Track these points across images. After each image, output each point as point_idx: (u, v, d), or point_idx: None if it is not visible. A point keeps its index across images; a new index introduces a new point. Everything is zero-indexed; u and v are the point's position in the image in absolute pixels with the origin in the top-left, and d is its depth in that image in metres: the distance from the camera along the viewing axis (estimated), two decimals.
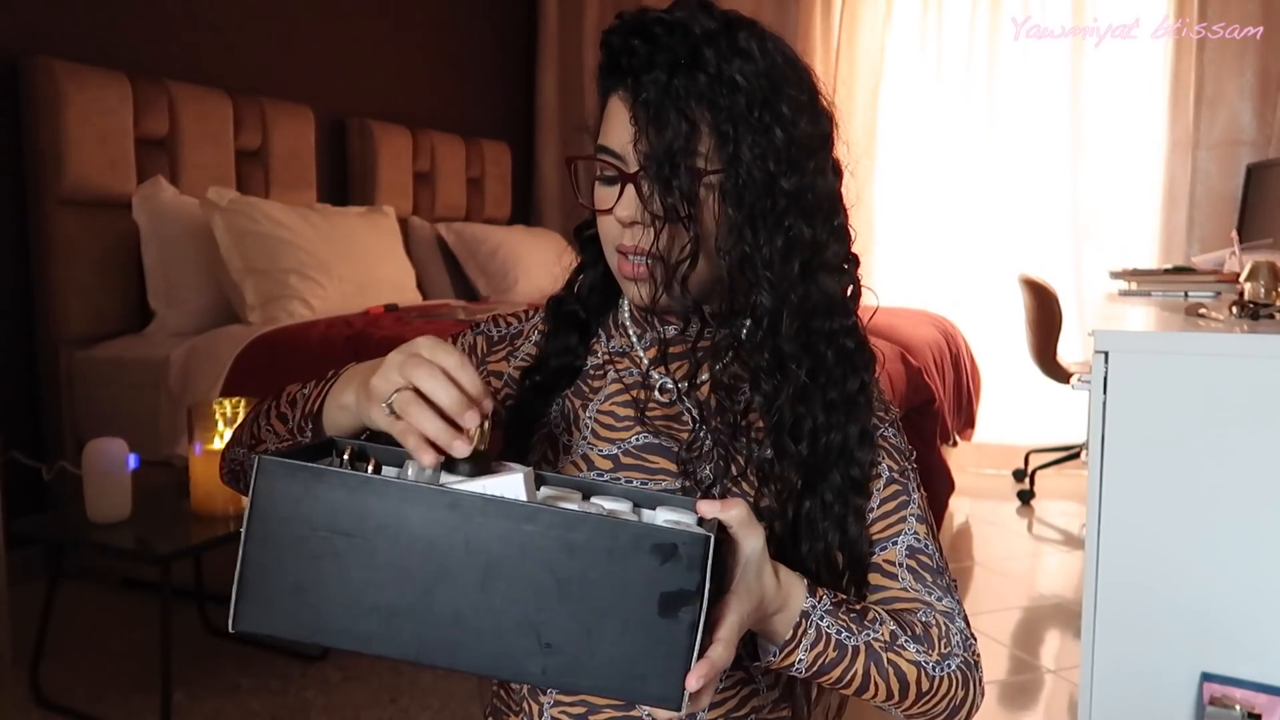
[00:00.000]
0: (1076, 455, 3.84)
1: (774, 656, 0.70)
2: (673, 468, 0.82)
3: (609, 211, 0.79)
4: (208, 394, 2.41)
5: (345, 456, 0.69)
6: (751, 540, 0.65)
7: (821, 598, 0.71)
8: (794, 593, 0.69)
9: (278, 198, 3.24)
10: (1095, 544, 1.15)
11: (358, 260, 3.15)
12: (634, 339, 0.88)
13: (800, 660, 0.69)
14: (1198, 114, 3.90)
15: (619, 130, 0.78)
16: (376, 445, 0.70)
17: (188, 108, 2.98)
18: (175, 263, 2.82)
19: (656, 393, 0.85)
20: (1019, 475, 3.94)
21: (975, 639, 0.79)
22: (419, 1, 4.13)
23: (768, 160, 0.75)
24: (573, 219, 0.98)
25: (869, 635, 0.72)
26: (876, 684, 0.72)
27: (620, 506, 0.66)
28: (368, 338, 2.38)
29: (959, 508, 3.53)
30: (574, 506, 0.62)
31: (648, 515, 0.67)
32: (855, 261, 0.83)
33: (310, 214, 3.11)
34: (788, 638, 0.69)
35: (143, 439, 2.41)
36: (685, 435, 0.83)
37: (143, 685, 2.05)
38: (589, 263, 0.90)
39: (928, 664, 0.74)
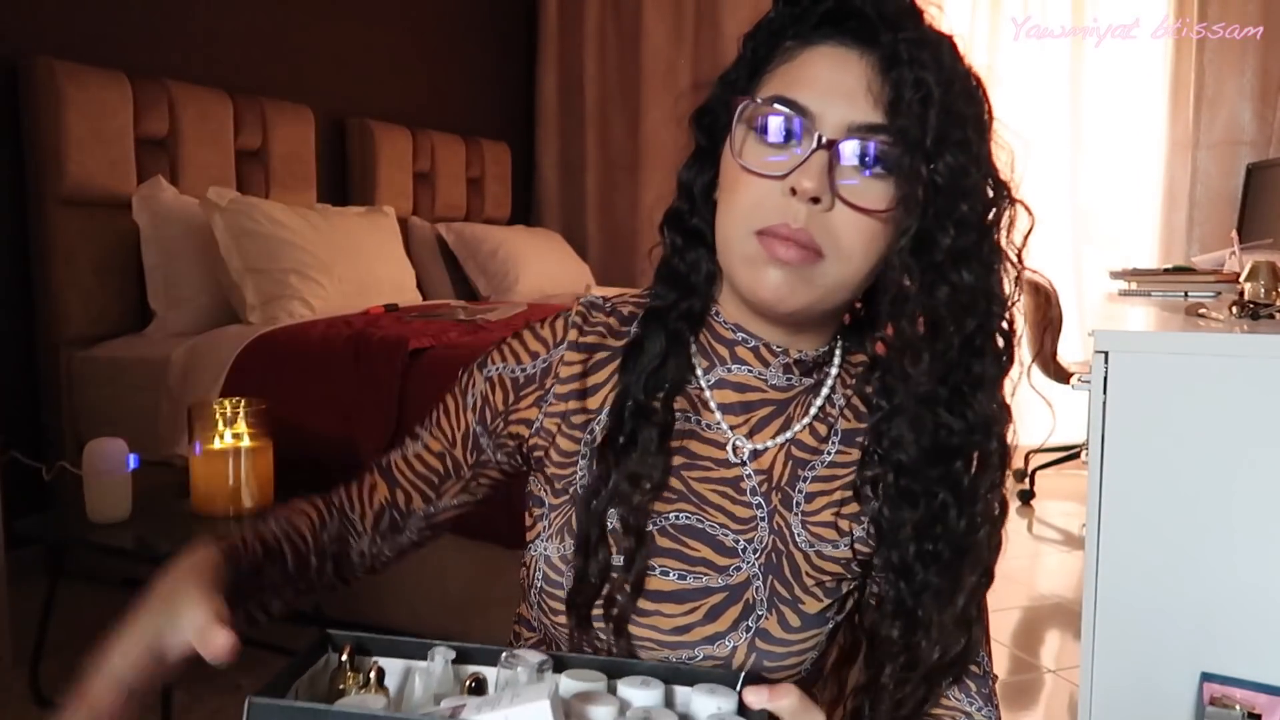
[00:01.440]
0: (1076, 455, 3.84)
1: None
2: (716, 559, 0.69)
3: (781, 178, 0.63)
4: (208, 394, 2.41)
5: (344, 656, 0.63)
6: None
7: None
8: None
9: (278, 198, 3.24)
10: (1095, 544, 1.15)
11: (358, 260, 3.15)
12: (700, 373, 0.72)
13: None
14: (1198, 114, 3.89)
15: (825, 88, 0.64)
16: (378, 638, 0.64)
17: (188, 108, 2.98)
18: (175, 263, 2.82)
19: (729, 451, 0.71)
20: (1019, 475, 3.94)
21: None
22: (419, 1, 4.12)
23: (990, 184, 0.67)
24: (573, 219, 0.91)
25: None
26: None
27: (651, 696, 0.57)
28: (368, 338, 2.38)
29: None
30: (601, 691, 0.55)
31: (680, 700, 0.59)
32: (1015, 332, 0.71)
33: (310, 214, 3.11)
34: None
35: (143, 439, 2.40)
36: (745, 514, 0.71)
37: None
38: (698, 271, 0.72)
39: None
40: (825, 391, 0.72)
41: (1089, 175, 4.13)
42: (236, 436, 2.06)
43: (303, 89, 3.54)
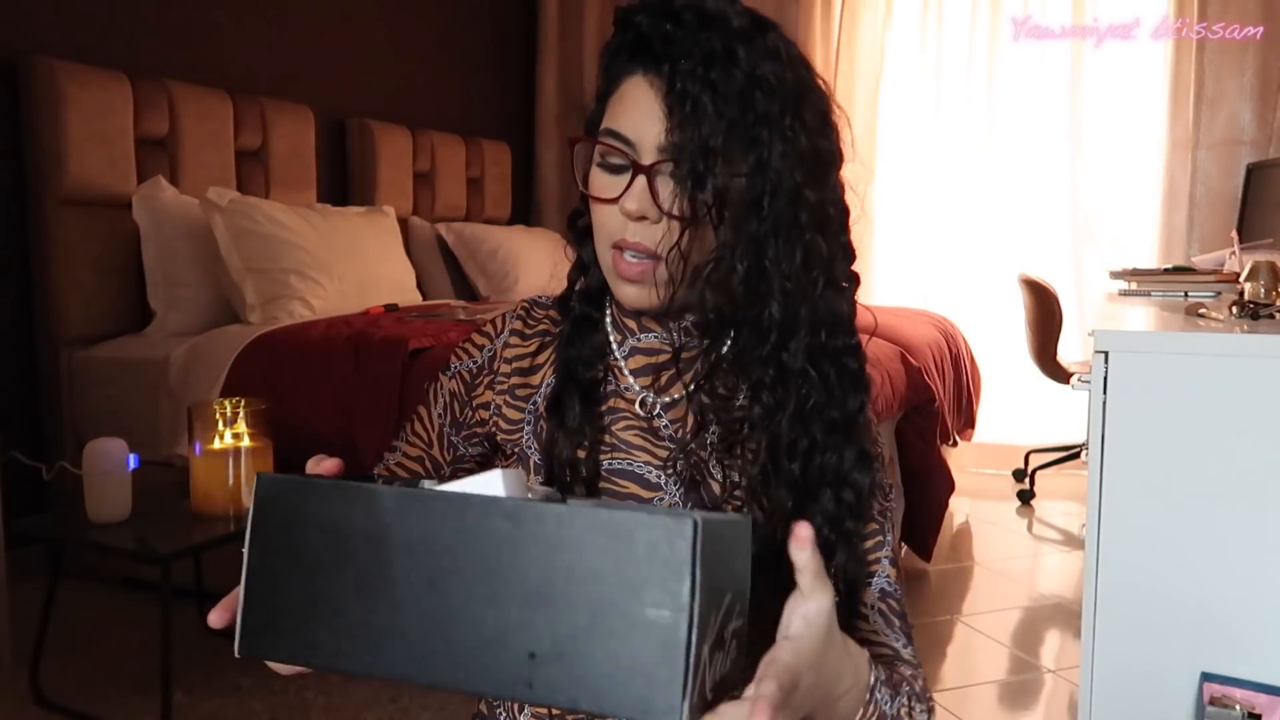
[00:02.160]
0: (1076, 455, 3.84)
1: None
2: (643, 493, 0.80)
3: (613, 201, 0.75)
4: (208, 394, 2.41)
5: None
6: (821, 597, 0.57)
7: (876, 666, 0.66)
8: (861, 666, 0.63)
9: (278, 198, 3.24)
10: (1095, 544, 1.15)
11: (358, 260, 3.15)
12: (614, 346, 0.85)
13: None
14: (1198, 114, 3.89)
15: (637, 117, 0.74)
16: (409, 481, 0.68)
17: (188, 108, 2.98)
18: (175, 263, 2.82)
19: (637, 407, 0.82)
20: (1019, 475, 3.94)
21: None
22: (419, 1, 4.13)
23: (795, 169, 0.73)
24: None
25: (899, 702, 0.68)
26: None
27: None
28: (368, 338, 2.38)
29: (959, 508, 3.53)
30: (558, 506, 0.58)
31: None
32: (856, 280, 0.81)
33: (310, 214, 3.11)
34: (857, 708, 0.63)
35: (143, 439, 2.41)
36: (663, 453, 0.81)
37: (143, 685, 2.05)
38: (589, 259, 0.84)
39: None
40: (723, 349, 0.80)
41: (1089, 175, 4.13)
42: (236, 436, 2.06)
43: (303, 89, 3.54)
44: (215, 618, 0.59)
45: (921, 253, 4.33)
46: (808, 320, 0.76)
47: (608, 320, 0.85)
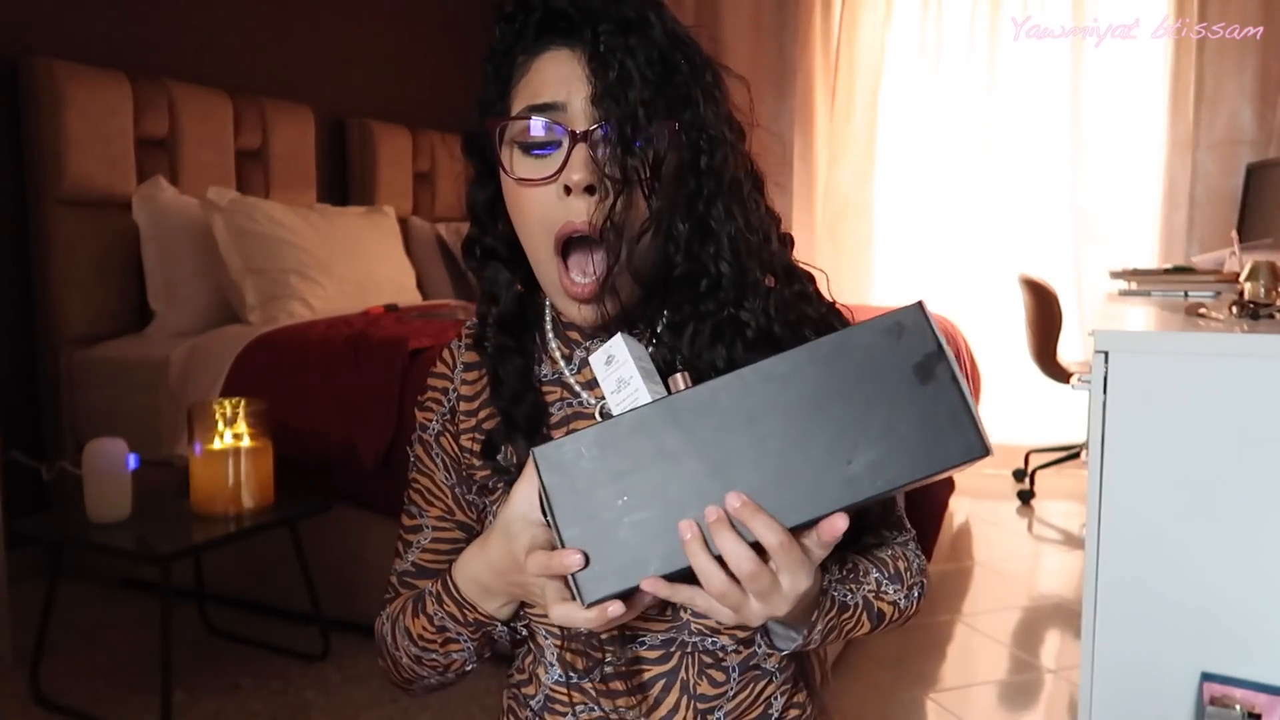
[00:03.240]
0: (1076, 455, 3.84)
1: (792, 643, 0.71)
2: None
3: (551, 179, 0.70)
4: (208, 394, 2.41)
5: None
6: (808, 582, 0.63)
7: (830, 567, 0.71)
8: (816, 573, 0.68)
9: (278, 198, 3.24)
10: (1095, 544, 1.14)
11: (358, 260, 3.15)
12: (563, 363, 0.80)
13: (815, 635, 0.71)
14: (1198, 114, 3.90)
15: (563, 84, 0.70)
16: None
17: (188, 108, 2.98)
18: (175, 263, 2.82)
19: (598, 416, 0.79)
20: (1019, 475, 3.94)
21: (925, 559, 0.82)
22: (419, 1, 4.13)
23: (722, 124, 0.73)
24: None
25: (863, 590, 0.74)
26: (861, 625, 0.75)
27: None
28: (368, 338, 2.38)
29: (959, 508, 3.53)
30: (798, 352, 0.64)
31: None
32: (791, 242, 0.79)
33: (310, 214, 3.11)
34: (812, 619, 0.69)
35: (143, 439, 2.41)
36: None
37: (143, 685, 2.05)
38: (500, 287, 0.80)
39: (900, 600, 0.78)
40: (663, 320, 0.78)
41: (1089, 175, 4.13)
42: (236, 436, 2.06)
43: (303, 89, 3.54)
44: (576, 559, 0.62)
45: (921, 252, 4.33)
46: (760, 278, 0.74)
47: (549, 335, 0.81)
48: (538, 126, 0.70)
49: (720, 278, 0.73)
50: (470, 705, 2.00)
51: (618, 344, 0.67)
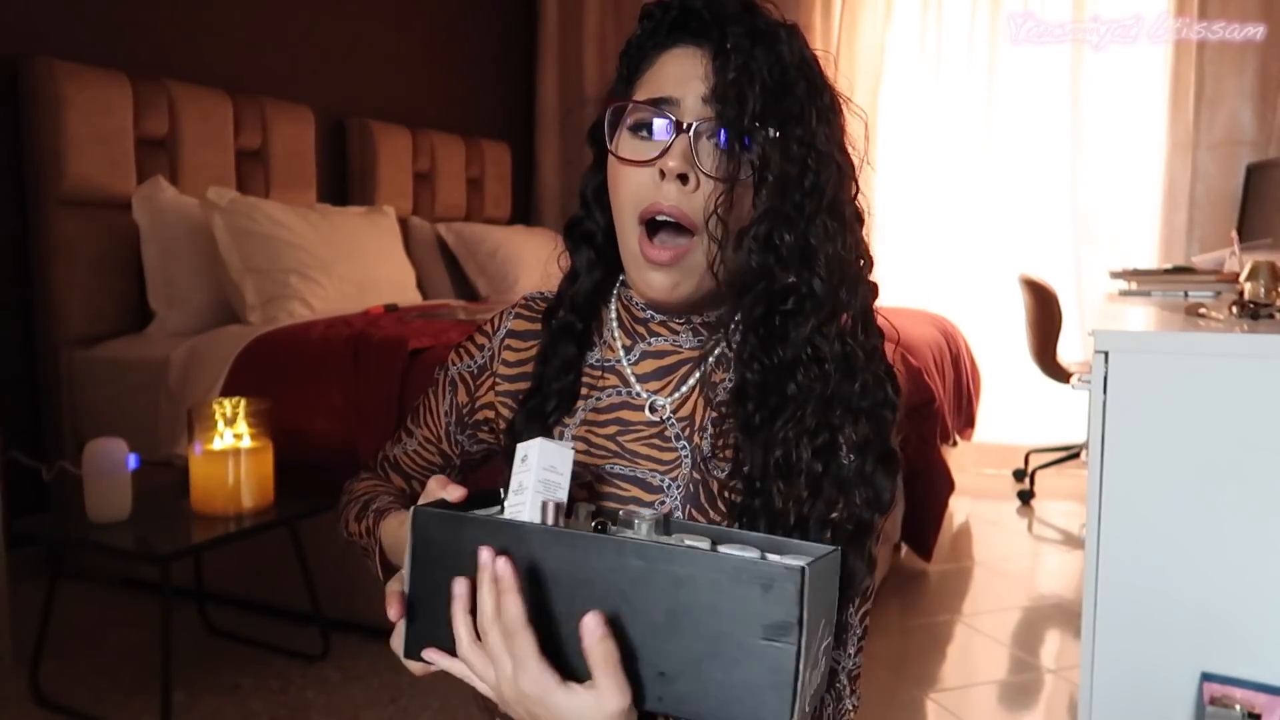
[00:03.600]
0: (1076, 455, 3.84)
1: None
2: (645, 496, 0.79)
3: (649, 163, 0.73)
4: (208, 394, 2.41)
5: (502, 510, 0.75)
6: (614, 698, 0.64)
7: None
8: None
9: (278, 198, 3.24)
10: (1095, 544, 1.15)
11: (358, 260, 3.15)
12: (622, 352, 0.83)
13: None
14: (1198, 114, 3.90)
15: (680, 78, 0.73)
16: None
17: (188, 108, 2.98)
18: (175, 263, 2.82)
19: (647, 410, 0.81)
20: (1019, 475, 3.94)
21: (858, 689, 0.79)
22: (419, 1, 4.13)
23: (833, 147, 0.74)
24: None
25: None
26: None
27: (746, 555, 0.68)
28: (368, 338, 2.38)
29: (959, 508, 3.53)
30: (684, 544, 0.66)
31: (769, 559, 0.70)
32: (876, 288, 0.80)
33: (310, 214, 3.11)
34: None
35: (143, 439, 2.41)
36: (668, 457, 0.79)
37: (143, 685, 2.05)
38: (583, 266, 0.84)
39: None
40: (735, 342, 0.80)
41: (1089, 175, 4.13)
42: (237, 436, 2.06)
43: (303, 89, 3.54)
44: (393, 612, 0.68)
45: (921, 253, 4.33)
46: (846, 305, 0.74)
47: (613, 323, 0.84)
48: (649, 113, 0.74)
49: (809, 296, 0.73)
50: (470, 705, 2.00)
51: (535, 448, 0.69)
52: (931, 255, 4.32)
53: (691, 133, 0.72)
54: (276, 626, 2.37)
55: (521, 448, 0.69)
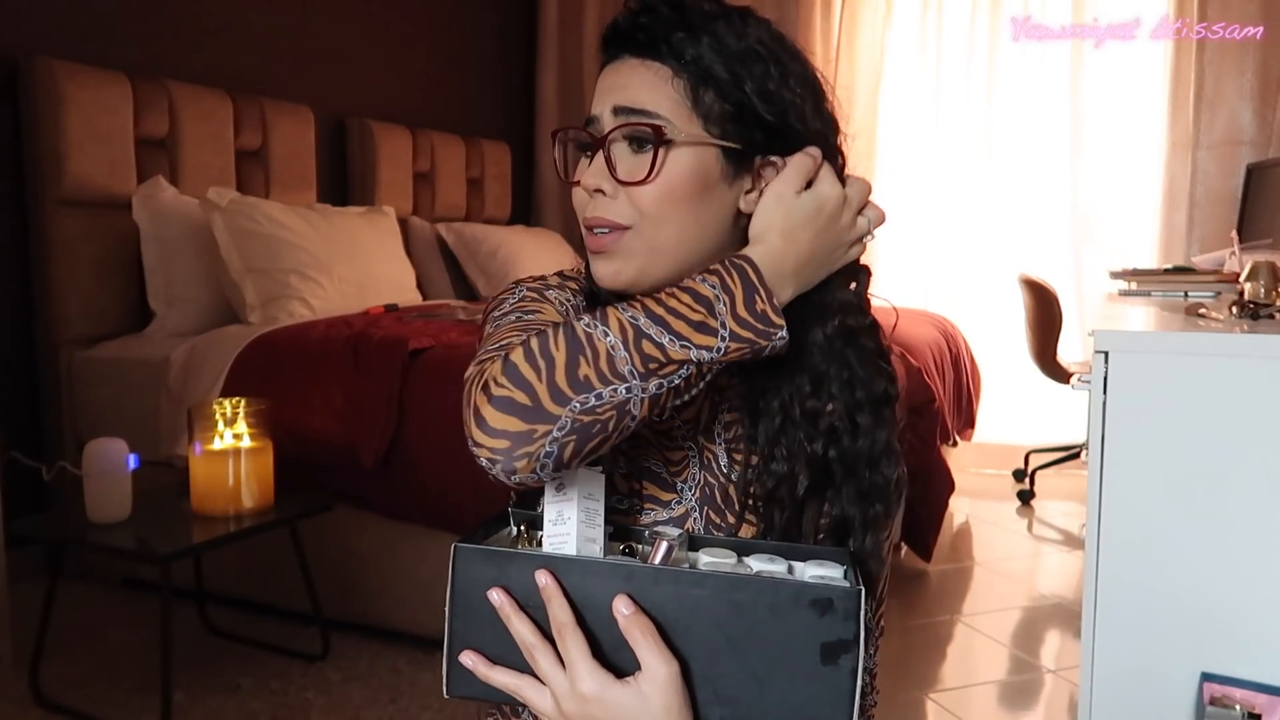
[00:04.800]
0: (1076, 455, 3.84)
1: None
2: (660, 494, 0.79)
3: (578, 182, 0.77)
4: (208, 394, 2.41)
5: (521, 529, 0.76)
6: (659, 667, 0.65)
7: None
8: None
9: (278, 198, 3.24)
10: (1095, 544, 1.14)
11: (358, 260, 3.15)
12: None
13: None
14: (1198, 114, 3.89)
15: (599, 95, 0.77)
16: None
17: (188, 108, 2.98)
18: (175, 263, 2.82)
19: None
20: (1019, 475, 3.94)
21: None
22: (419, 1, 4.13)
23: (805, 121, 0.75)
24: (573, 219, 0.94)
25: None
26: None
27: (775, 568, 0.70)
28: (368, 338, 2.38)
29: (959, 508, 3.53)
30: (735, 569, 0.68)
31: (796, 571, 0.71)
32: (867, 272, 0.81)
33: (310, 214, 3.11)
34: None
35: (143, 439, 2.41)
36: (677, 455, 0.81)
37: (143, 685, 2.05)
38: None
39: None
40: None
41: (1089, 176, 4.13)
42: (236, 436, 2.06)
43: (303, 89, 3.54)
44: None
45: (921, 252, 4.33)
46: (832, 300, 0.76)
47: None
48: (576, 136, 0.79)
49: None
50: (470, 704, 2.00)
51: (572, 476, 0.68)
52: (931, 255, 4.32)
53: (605, 144, 0.75)
54: (276, 626, 2.37)
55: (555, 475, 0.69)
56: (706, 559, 0.71)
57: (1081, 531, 3.37)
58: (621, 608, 0.62)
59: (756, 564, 0.70)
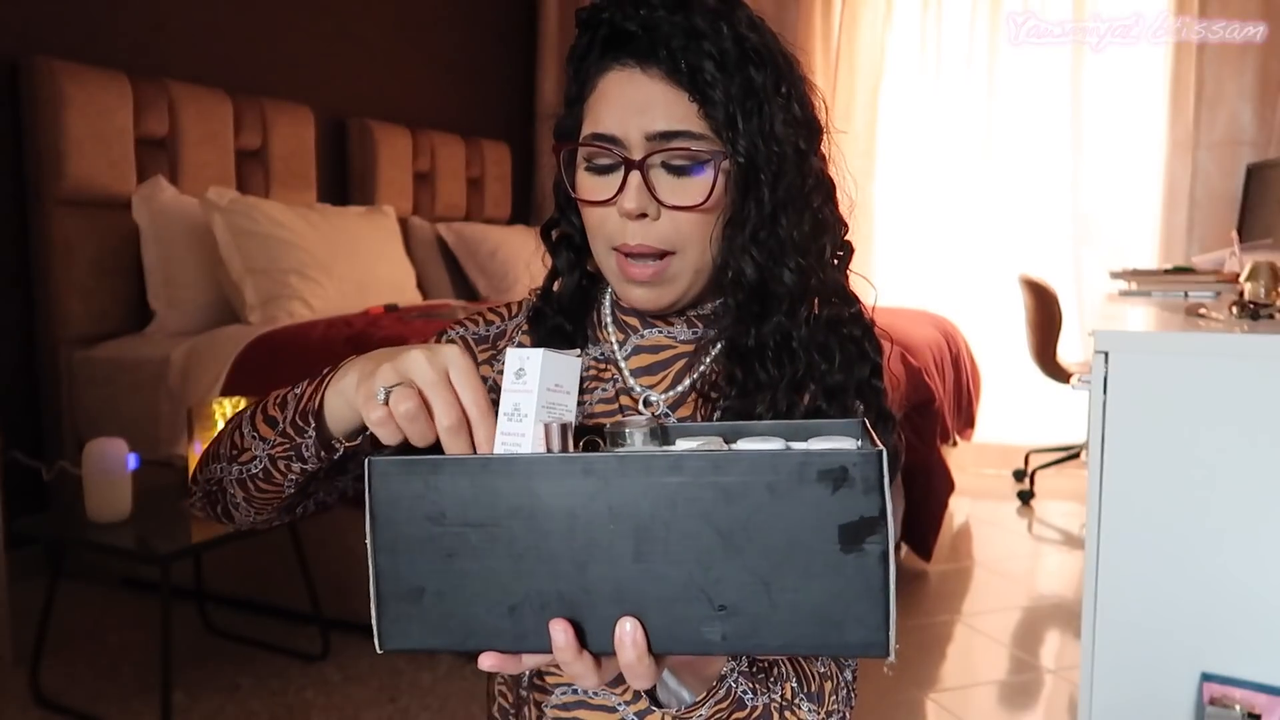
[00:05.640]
0: (1076, 455, 3.84)
1: (677, 709, 0.64)
2: None
3: (608, 203, 0.73)
4: (208, 394, 2.41)
5: None
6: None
7: (739, 657, 0.66)
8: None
9: (278, 198, 3.24)
10: (1095, 544, 1.14)
11: (358, 260, 3.15)
12: (615, 346, 0.82)
13: (700, 715, 0.64)
14: (1198, 114, 3.90)
15: (620, 112, 0.72)
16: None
17: (188, 108, 2.98)
18: (175, 263, 2.82)
19: (641, 406, 0.79)
20: (1019, 475, 3.94)
21: (856, 693, 0.77)
22: (419, 1, 4.12)
23: (798, 137, 0.74)
24: None
25: (770, 695, 0.68)
26: None
27: (772, 445, 0.56)
28: (368, 338, 2.38)
29: (959, 508, 3.53)
30: (723, 451, 0.54)
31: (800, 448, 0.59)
32: (851, 250, 0.80)
33: (310, 214, 3.11)
34: (700, 694, 0.63)
35: (143, 439, 2.41)
36: None
37: (143, 685, 2.05)
38: (564, 268, 0.83)
39: None
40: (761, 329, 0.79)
41: (1089, 176, 4.13)
42: None
43: (303, 89, 3.54)
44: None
45: (922, 253, 4.33)
46: (817, 289, 0.75)
47: (606, 319, 0.83)
48: (598, 153, 0.73)
49: (779, 287, 0.74)
50: (470, 704, 2.00)
51: (535, 361, 0.56)
52: (932, 256, 4.32)
53: (643, 168, 0.71)
54: (276, 626, 2.37)
55: (515, 357, 0.57)
56: (687, 444, 0.58)
57: (1081, 531, 3.37)
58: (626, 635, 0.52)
59: (748, 445, 0.56)
